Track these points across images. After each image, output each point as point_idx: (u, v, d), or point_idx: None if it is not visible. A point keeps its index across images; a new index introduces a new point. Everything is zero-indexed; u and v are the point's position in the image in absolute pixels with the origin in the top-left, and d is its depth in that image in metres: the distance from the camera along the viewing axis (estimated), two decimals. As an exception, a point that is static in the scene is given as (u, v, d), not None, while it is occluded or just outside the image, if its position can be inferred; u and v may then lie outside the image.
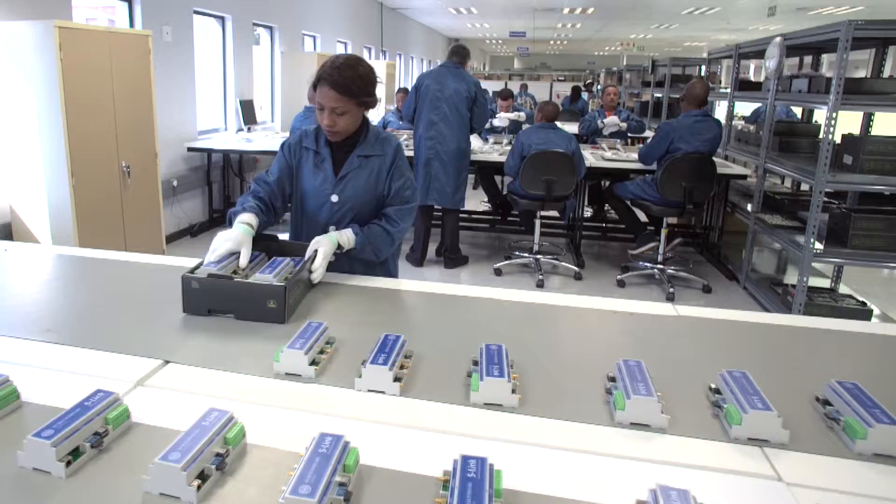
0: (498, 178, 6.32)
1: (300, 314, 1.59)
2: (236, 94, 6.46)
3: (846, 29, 3.36)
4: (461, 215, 5.16)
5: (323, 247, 1.76)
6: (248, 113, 6.43)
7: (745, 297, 4.55)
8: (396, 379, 1.22)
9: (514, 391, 1.18)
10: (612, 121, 6.13)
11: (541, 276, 4.60)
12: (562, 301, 1.78)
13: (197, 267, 1.60)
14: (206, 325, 1.49)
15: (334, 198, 1.89)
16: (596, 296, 1.84)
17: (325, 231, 1.89)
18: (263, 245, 1.85)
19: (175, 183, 5.33)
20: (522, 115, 6.10)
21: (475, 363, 1.31)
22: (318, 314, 1.60)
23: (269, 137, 6.32)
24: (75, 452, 0.95)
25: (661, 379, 1.22)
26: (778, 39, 4.23)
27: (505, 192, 6.11)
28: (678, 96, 7.95)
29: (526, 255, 4.93)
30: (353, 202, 1.90)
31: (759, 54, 5.38)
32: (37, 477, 0.92)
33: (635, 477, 0.99)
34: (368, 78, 1.81)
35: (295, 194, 1.96)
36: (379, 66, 10.30)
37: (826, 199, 3.65)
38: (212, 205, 6.03)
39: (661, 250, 4.66)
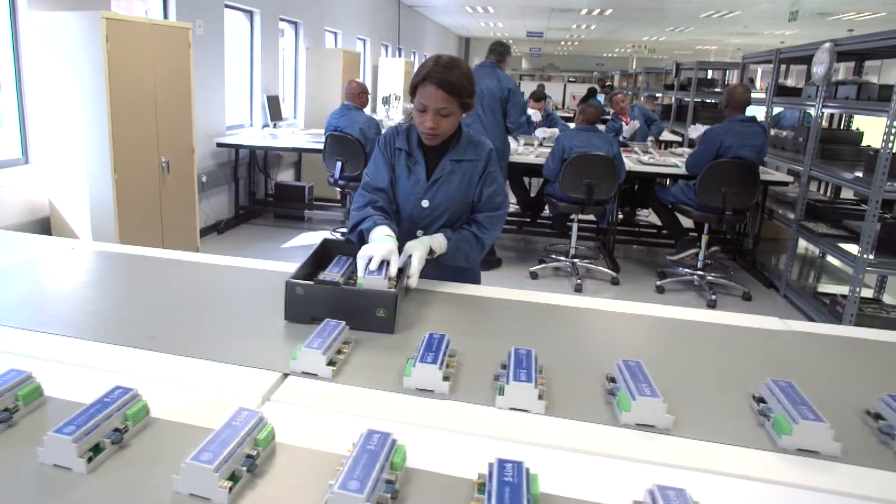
0: (526, 179, 6.24)
1: (403, 324, 1.52)
2: (263, 90, 6.39)
3: (910, 35, 3.29)
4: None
5: (417, 251, 1.69)
6: (274, 109, 6.36)
7: (786, 306, 4.48)
8: (539, 397, 1.15)
9: (667, 411, 1.12)
10: (630, 129, 6.19)
11: (578, 281, 4.53)
12: (660, 312, 1.72)
13: (299, 272, 1.53)
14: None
15: (425, 203, 1.82)
16: (636, 301, 1.79)
17: (414, 235, 1.82)
18: (351, 249, 1.78)
19: (204, 179, 5.25)
20: (554, 134, 6.04)
21: (611, 379, 1.24)
22: (423, 324, 1.53)
23: (295, 134, 6.24)
24: (233, 477, 0.88)
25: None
26: (828, 45, 4.16)
27: (534, 195, 6.08)
28: (714, 101, 7.93)
29: (562, 258, 4.86)
30: (444, 207, 1.83)
31: (799, 59, 5.32)
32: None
33: (827, 511, 0.93)
34: (471, 78, 1.75)
35: None
36: (397, 65, 10.25)
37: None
38: (238, 201, 5.96)
39: (700, 257, 4.59)
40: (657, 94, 11.30)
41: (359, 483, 0.83)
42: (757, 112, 7.26)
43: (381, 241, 1.61)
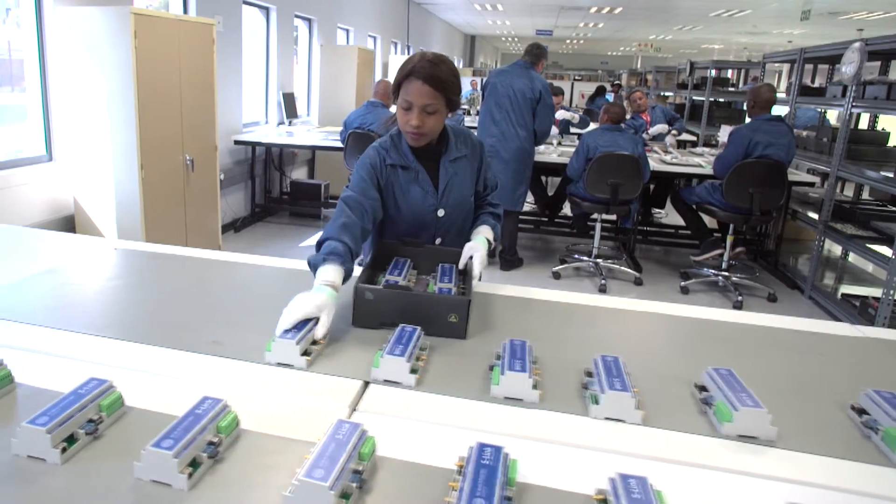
0: (542, 178, 6.19)
1: (470, 328, 1.47)
2: (279, 87, 6.34)
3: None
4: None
5: (479, 252, 1.65)
6: (289, 106, 6.31)
7: (812, 308, 4.43)
8: (636, 407, 1.11)
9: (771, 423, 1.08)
10: (657, 130, 6.13)
11: (603, 281, 4.49)
12: (718, 316, 1.69)
13: (364, 277, 1.49)
14: (383, 340, 1.33)
15: (441, 212, 1.76)
16: (661, 301, 1.76)
17: (433, 244, 1.79)
18: (409, 251, 1.74)
19: (222, 177, 5.19)
20: (576, 117, 5.99)
21: (701, 388, 1.20)
22: (487, 328, 1.49)
23: (310, 132, 6.20)
24: (345, 495, 0.84)
25: None
26: (858, 44, 4.11)
27: (552, 193, 6.03)
28: (729, 101, 7.87)
29: (585, 258, 4.81)
30: (457, 211, 1.80)
31: (823, 59, 5.27)
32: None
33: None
34: (457, 74, 1.67)
35: (386, 215, 1.77)
36: (408, 62, 10.21)
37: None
38: (254, 199, 5.92)
39: (725, 257, 4.55)
40: (667, 94, 11.24)
41: (485, 502, 0.79)
42: (777, 112, 7.24)
43: (315, 293, 1.34)
